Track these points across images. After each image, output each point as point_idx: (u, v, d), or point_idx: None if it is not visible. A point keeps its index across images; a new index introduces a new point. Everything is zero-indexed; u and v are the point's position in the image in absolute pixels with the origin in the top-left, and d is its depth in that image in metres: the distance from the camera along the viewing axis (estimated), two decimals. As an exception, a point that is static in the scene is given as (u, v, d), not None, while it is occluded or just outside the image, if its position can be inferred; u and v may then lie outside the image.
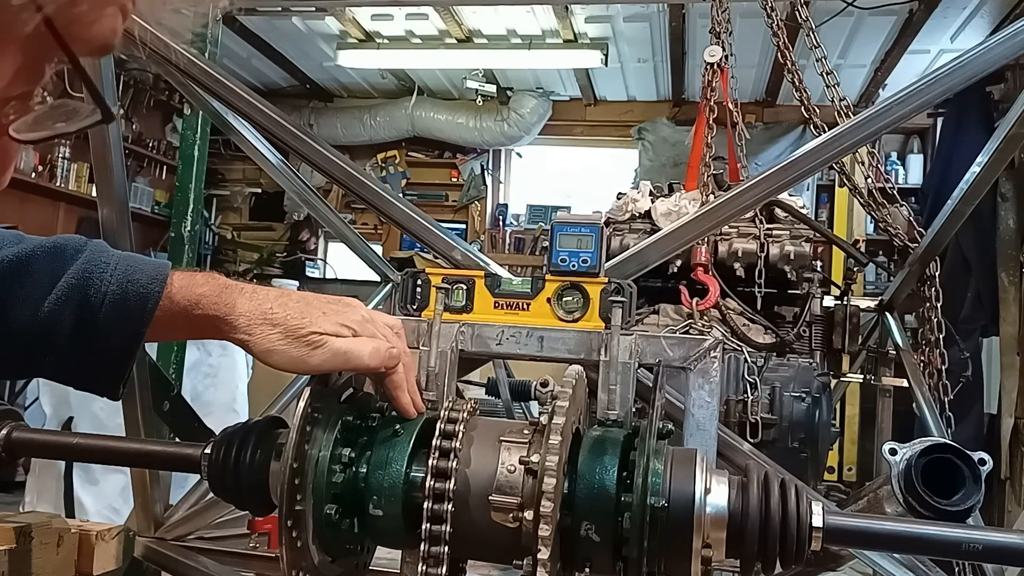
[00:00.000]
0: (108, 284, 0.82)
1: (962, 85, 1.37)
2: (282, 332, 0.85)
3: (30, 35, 0.50)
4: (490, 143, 7.42)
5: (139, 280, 0.84)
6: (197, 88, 1.70)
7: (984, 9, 4.97)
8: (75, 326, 0.81)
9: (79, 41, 0.53)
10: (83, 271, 0.83)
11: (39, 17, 0.49)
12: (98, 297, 0.82)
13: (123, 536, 1.85)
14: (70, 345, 0.82)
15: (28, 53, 0.52)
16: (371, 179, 1.67)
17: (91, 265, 0.83)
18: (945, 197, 1.99)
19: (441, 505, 0.80)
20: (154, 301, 0.83)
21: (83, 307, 0.81)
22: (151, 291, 0.83)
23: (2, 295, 0.80)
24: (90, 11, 0.53)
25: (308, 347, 0.84)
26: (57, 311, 0.81)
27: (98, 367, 0.85)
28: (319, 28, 6.14)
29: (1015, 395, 4.60)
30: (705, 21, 3.35)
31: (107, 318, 0.82)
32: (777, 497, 0.78)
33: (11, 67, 0.52)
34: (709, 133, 2.35)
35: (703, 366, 1.09)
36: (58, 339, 0.81)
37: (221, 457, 0.87)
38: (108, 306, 0.82)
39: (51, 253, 0.83)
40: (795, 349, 2.19)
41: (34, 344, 0.81)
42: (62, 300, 0.81)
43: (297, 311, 0.86)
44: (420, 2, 5.25)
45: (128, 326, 0.83)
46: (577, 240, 1.21)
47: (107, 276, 0.83)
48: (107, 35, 0.55)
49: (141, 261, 0.86)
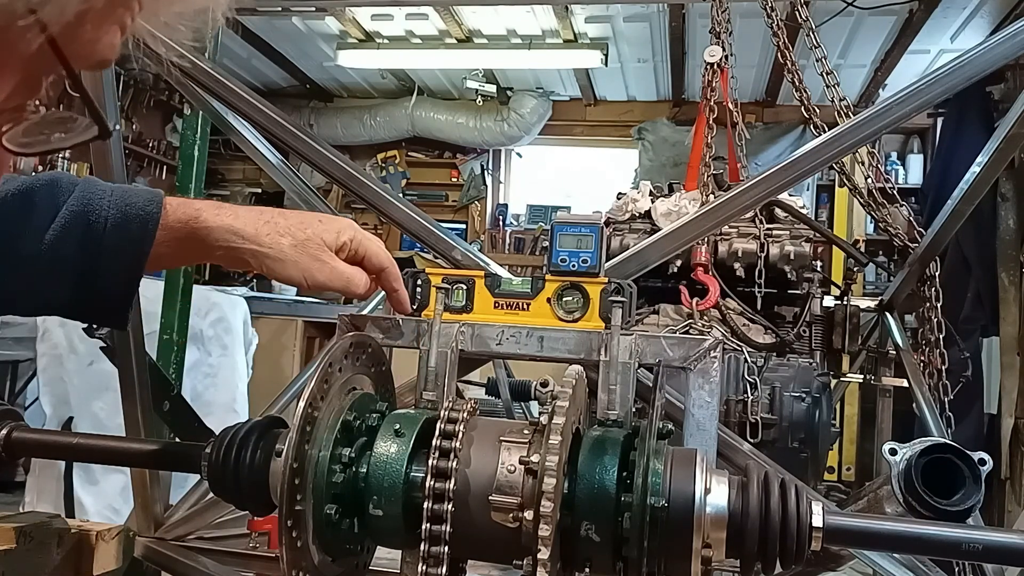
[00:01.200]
0: (108, 209, 0.84)
1: (962, 85, 1.37)
2: (291, 239, 0.88)
3: (33, 52, 0.51)
4: (490, 143, 7.42)
5: (136, 203, 0.85)
6: (197, 88, 1.71)
7: (984, 9, 4.97)
8: (80, 252, 0.83)
9: (79, 57, 0.54)
10: (82, 199, 0.84)
11: (43, 37, 0.50)
12: (99, 223, 0.83)
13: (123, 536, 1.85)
14: (77, 272, 0.83)
15: (28, 69, 0.53)
16: (371, 179, 1.67)
17: (89, 193, 0.85)
18: (945, 197, 1.99)
19: (441, 505, 0.80)
20: (154, 221, 0.85)
21: (86, 233, 0.83)
22: (150, 212, 0.85)
23: (9, 227, 0.82)
24: (92, 30, 0.54)
25: (315, 260, 0.88)
26: (62, 237, 0.82)
27: (106, 295, 0.86)
28: (319, 28, 6.14)
29: (1015, 395, 4.60)
30: (705, 21, 3.35)
31: (110, 242, 0.83)
32: (777, 497, 0.78)
33: (11, 83, 0.53)
34: (709, 133, 2.36)
35: (703, 366, 1.09)
36: (65, 266, 0.83)
37: (221, 457, 0.87)
38: (110, 230, 0.83)
39: (49, 184, 0.85)
40: (795, 349, 2.19)
41: (43, 274, 0.83)
42: (66, 227, 0.82)
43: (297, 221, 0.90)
44: (420, 2, 5.25)
45: (132, 248, 0.84)
46: (577, 240, 1.21)
47: (105, 202, 0.84)
48: (106, 51, 0.56)
49: (135, 188, 0.89)
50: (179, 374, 2.47)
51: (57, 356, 3.51)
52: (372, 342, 0.97)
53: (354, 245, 0.93)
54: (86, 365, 3.41)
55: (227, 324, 3.97)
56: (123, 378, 1.83)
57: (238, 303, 4.16)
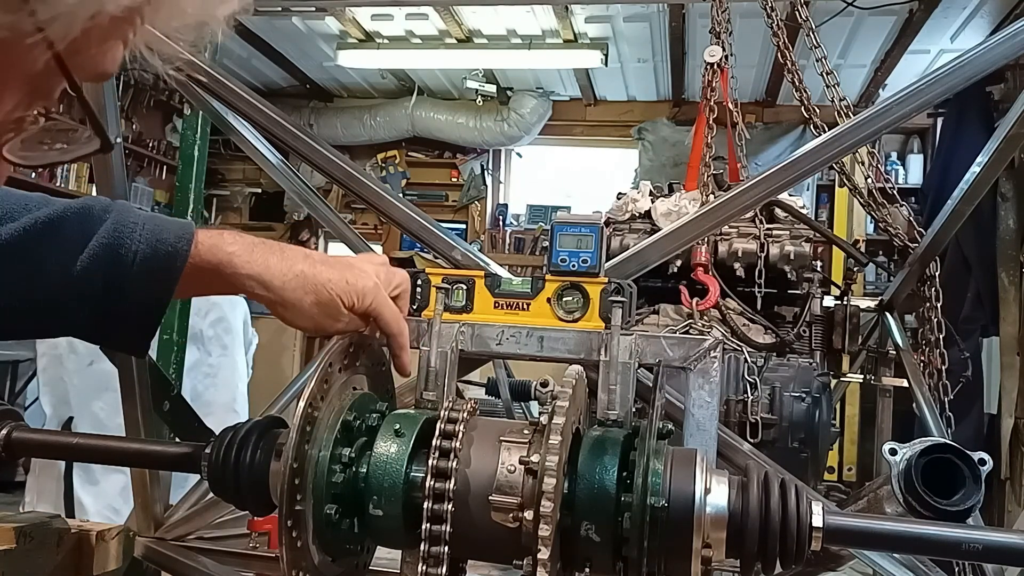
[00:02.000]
0: (138, 243, 0.85)
1: (962, 85, 1.37)
2: (314, 298, 0.91)
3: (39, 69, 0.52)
4: (490, 143, 7.42)
5: (167, 239, 0.86)
6: (197, 88, 1.70)
7: (984, 9, 4.97)
8: (106, 285, 0.83)
9: (82, 71, 0.55)
10: (113, 231, 0.85)
11: (50, 54, 0.51)
12: (128, 256, 0.84)
13: (123, 536, 1.85)
14: (101, 303, 0.84)
15: (33, 83, 0.54)
16: (371, 179, 1.67)
17: (120, 225, 0.85)
18: (945, 197, 1.99)
19: (441, 505, 0.80)
20: (183, 259, 0.86)
21: (114, 266, 0.84)
22: (179, 249, 0.86)
23: (36, 255, 0.82)
24: (96, 45, 0.55)
25: (330, 318, 0.91)
26: (89, 269, 0.83)
27: (127, 325, 0.87)
28: (319, 28, 6.14)
29: (1015, 395, 4.60)
30: (705, 21, 3.34)
31: (137, 276, 0.84)
32: (777, 497, 0.78)
33: (16, 97, 0.54)
34: (709, 133, 2.35)
35: (703, 366, 1.09)
36: (90, 298, 0.83)
37: (221, 457, 0.87)
38: (139, 265, 0.84)
39: (80, 214, 0.85)
40: (795, 349, 2.19)
41: (67, 303, 0.84)
42: (94, 259, 0.83)
43: (326, 278, 0.92)
44: (420, 2, 5.25)
45: (158, 284, 0.85)
46: (577, 240, 1.21)
47: (136, 235, 0.85)
48: (108, 64, 0.57)
49: (167, 220, 0.89)
50: (179, 374, 2.47)
51: (57, 356, 3.51)
52: (372, 342, 0.97)
53: (371, 311, 0.95)
54: (86, 365, 3.41)
55: (227, 324, 3.97)
56: (123, 378, 1.83)
57: (238, 303, 4.15)
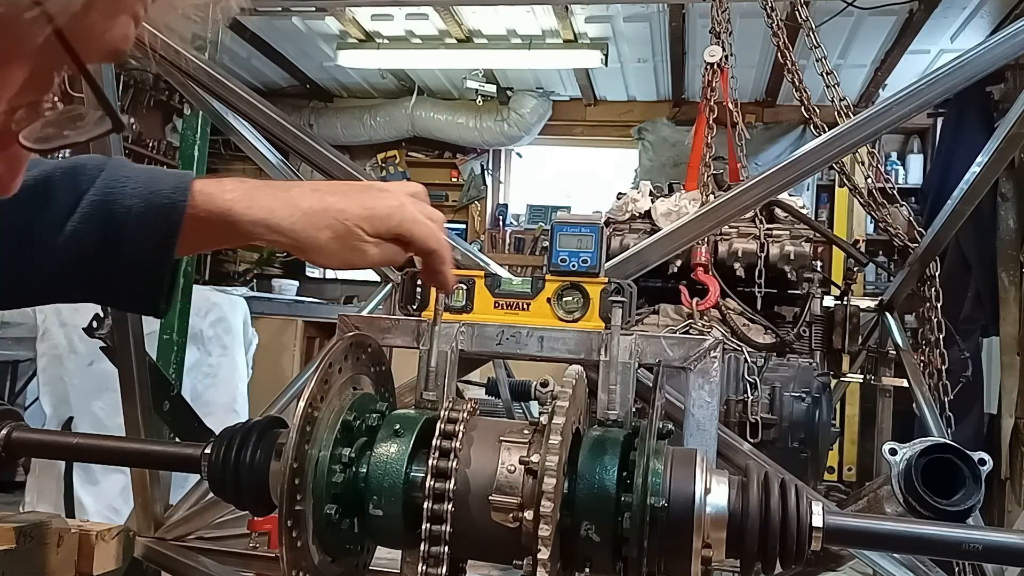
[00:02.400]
0: (131, 198, 0.81)
1: (962, 85, 1.38)
2: (330, 233, 0.84)
3: (40, 45, 0.49)
4: (490, 143, 7.41)
5: (162, 191, 0.82)
6: (197, 88, 1.71)
7: (984, 9, 4.97)
8: (101, 243, 0.80)
9: (90, 49, 0.52)
10: (105, 187, 0.81)
11: (50, 29, 0.49)
12: (122, 212, 0.80)
13: (123, 536, 1.85)
14: (99, 263, 0.81)
15: (38, 62, 0.51)
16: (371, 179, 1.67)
17: (112, 180, 0.82)
18: (945, 197, 1.99)
19: (441, 505, 0.80)
20: (179, 211, 0.81)
21: (108, 223, 0.80)
22: (175, 200, 0.81)
23: (26, 218, 0.79)
24: (102, 20, 0.52)
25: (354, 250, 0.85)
26: (81, 229, 0.80)
27: (132, 283, 0.83)
28: (319, 28, 6.13)
29: (1015, 395, 4.59)
30: (705, 21, 3.35)
31: (134, 232, 0.81)
32: (777, 497, 0.78)
33: (20, 76, 0.51)
34: (709, 133, 2.36)
35: (703, 366, 1.09)
36: (85, 257, 0.80)
37: (221, 457, 0.87)
38: (134, 220, 0.80)
39: (70, 172, 0.82)
40: (795, 349, 2.19)
41: (64, 265, 0.81)
42: (86, 218, 0.80)
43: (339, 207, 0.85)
44: (420, 2, 5.25)
45: (157, 238, 0.81)
46: (577, 240, 1.21)
47: (129, 190, 0.81)
48: (118, 42, 0.54)
49: (163, 172, 0.85)
50: (179, 374, 2.47)
51: (57, 356, 3.52)
52: (372, 342, 0.97)
53: (401, 230, 0.88)
54: (86, 365, 3.42)
55: (227, 324, 3.98)
56: (123, 378, 1.83)
57: (238, 303, 4.16)
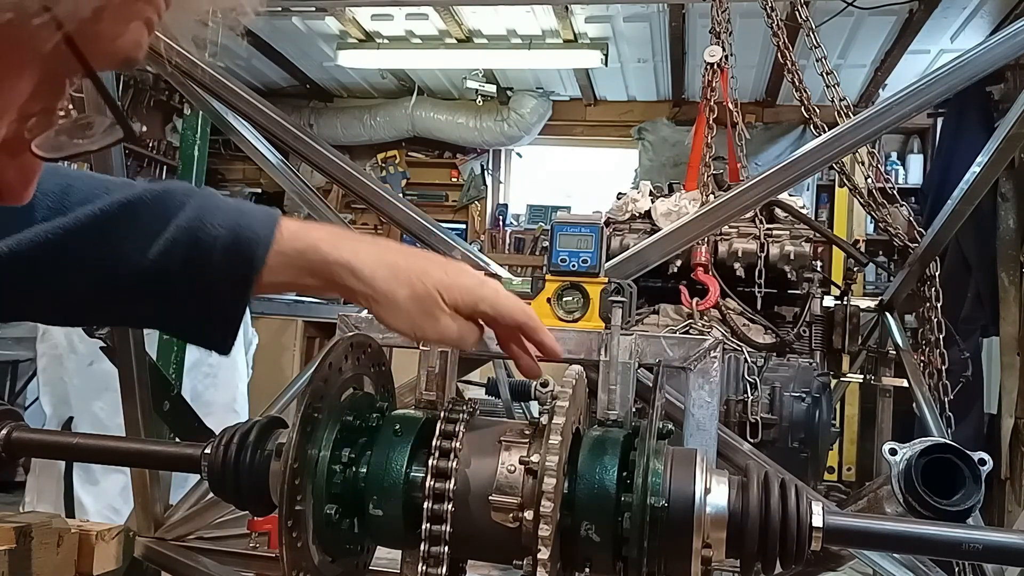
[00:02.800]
0: (219, 228, 0.80)
1: (962, 85, 1.38)
2: (408, 291, 0.83)
3: (50, 51, 0.48)
4: (490, 143, 7.41)
5: (250, 225, 0.81)
6: (197, 88, 1.71)
7: (984, 9, 4.97)
8: (184, 270, 0.79)
9: (101, 56, 0.51)
10: (194, 215, 0.80)
11: (59, 35, 0.48)
12: (208, 241, 0.79)
13: (123, 536, 1.85)
14: (180, 290, 0.80)
15: (48, 69, 0.50)
16: (371, 179, 1.67)
17: (202, 210, 0.81)
18: (945, 197, 1.99)
19: (441, 505, 0.80)
20: (264, 246, 0.80)
21: (193, 251, 0.79)
22: (261, 236, 0.81)
23: (113, 239, 0.78)
24: (113, 27, 0.51)
25: (429, 316, 0.83)
26: (167, 254, 0.78)
27: (208, 315, 0.82)
28: (319, 28, 6.13)
29: (1015, 395, 4.59)
30: (705, 21, 3.35)
31: (218, 263, 0.79)
32: (777, 497, 0.78)
33: (31, 83, 0.50)
34: (709, 133, 2.35)
35: (703, 366, 1.09)
36: (168, 283, 0.79)
37: (221, 457, 0.87)
38: (219, 251, 0.79)
39: (160, 196, 0.81)
40: (795, 349, 2.19)
41: (145, 288, 0.79)
42: (172, 243, 0.79)
43: (421, 268, 0.84)
44: (420, 2, 5.25)
45: (239, 272, 0.80)
46: (577, 240, 1.21)
47: (217, 220, 0.80)
48: (131, 49, 0.53)
49: (250, 206, 0.84)
50: (179, 374, 2.47)
51: (57, 356, 3.52)
52: (372, 342, 0.97)
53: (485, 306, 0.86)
54: (86, 365, 3.42)
55: (227, 324, 3.97)
56: (123, 378, 1.83)
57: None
